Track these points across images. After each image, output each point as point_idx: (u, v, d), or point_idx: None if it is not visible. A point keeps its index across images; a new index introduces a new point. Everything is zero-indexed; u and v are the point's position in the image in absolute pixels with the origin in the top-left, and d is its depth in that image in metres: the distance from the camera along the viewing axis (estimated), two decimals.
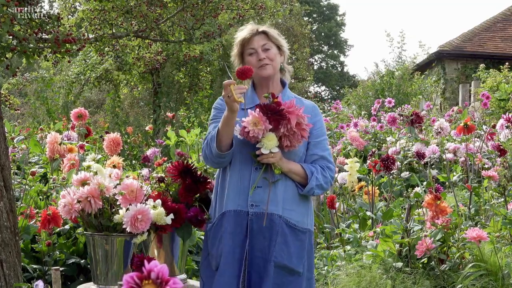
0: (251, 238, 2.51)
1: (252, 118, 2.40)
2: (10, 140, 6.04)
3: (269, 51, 2.60)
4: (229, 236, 2.52)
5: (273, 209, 2.50)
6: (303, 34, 22.57)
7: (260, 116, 2.40)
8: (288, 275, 2.52)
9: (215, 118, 2.65)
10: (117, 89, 13.79)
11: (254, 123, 2.39)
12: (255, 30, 2.63)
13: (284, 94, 2.66)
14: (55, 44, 3.52)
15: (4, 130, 3.01)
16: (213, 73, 13.44)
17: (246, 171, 2.54)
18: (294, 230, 2.54)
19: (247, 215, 2.51)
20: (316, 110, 2.70)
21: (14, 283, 2.79)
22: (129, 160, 9.07)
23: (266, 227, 2.50)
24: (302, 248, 2.56)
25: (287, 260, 2.51)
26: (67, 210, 2.76)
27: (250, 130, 2.39)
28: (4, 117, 3.18)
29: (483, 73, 12.61)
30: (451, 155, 5.69)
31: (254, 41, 2.60)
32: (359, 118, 10.20)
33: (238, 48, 2.65)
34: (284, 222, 2.51)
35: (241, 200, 2.52)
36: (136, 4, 7.14)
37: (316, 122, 2.64)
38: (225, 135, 2.49)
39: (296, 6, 20.74)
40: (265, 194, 2.50)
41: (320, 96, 33.25)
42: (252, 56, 2.60)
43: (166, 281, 1.08)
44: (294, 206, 2.55)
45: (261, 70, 2.60)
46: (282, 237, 2.50)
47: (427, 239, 3.28)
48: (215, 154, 2.51)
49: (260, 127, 2.38)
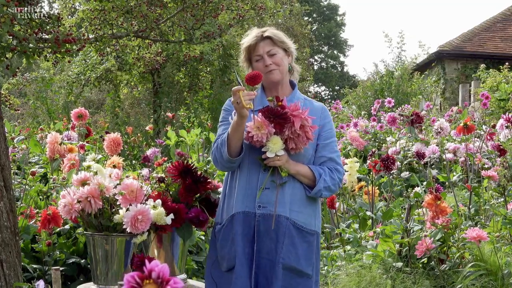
0: (259, 240, 2.51)
1: (255, 123, 2.41)
2: (10, 140, 6.04)
3: (275, 56, 2.59)
4: (241, 237, 2.53)
5: (280, 211, 2.51)
6: (303, 34, 22.58)
7: (263, 120, 2.40)
8: (297, 277, 2.51)
9: (224, 120, 2.67)
10: (117, 89, 13.78)
11: (258, 128, 2.40)
12: (259, 36, 2.61)
13: (294, 96, 2.65)
14: (55, 44, 3.52)
15: (4, 130, 3.01)
16: (213, 73, 13.43)
17: (254, 174, 2.55)
18: (302, 232, 2.54)
19: (254, 216, 2.52)
20: (326, 112, 2.69)
21: (14, 283, 2.79)
22: (129, 160, 9.07)
23: (269, 229, 2.50)
24: (310, 250, 2.56)
25: (294, 262, 2.50)
26: (67, 210, 2.76)
27: (253, 134, 2.41)
28: (4, 117, 3.18)
29: (483, 73, 12.62)
30: (451, 155, 5.69)
31: (260, 48, 2.59)
32: (359, 118, 10.20)
33: (245, 54, 2.65)
34: (291, 224, 2.51)
35: (249, 201, 2.53)
36: (136, 4, 7.14)
37: (325, 124, 2.64)
38: (234, 140, 2.51)
39: (296, 6, 20.73)
40: (272, 195, 2.51)
41: (320, 96, 33.26)
42: (259, 62, 2.60)
43: (167, 281, 1.08)
44: (302, 208, 2.55)
45: (269, 75, 2.60)
46: (289, 239, 2.50)
47: (427, 239, 3.28)
48: (226, 159, 2.53)
49: (264, 131, 2.39)
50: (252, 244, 2.51)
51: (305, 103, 2.65)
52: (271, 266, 2.49)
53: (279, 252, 2.49)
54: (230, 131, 2.50)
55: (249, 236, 2.52)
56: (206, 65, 13.17)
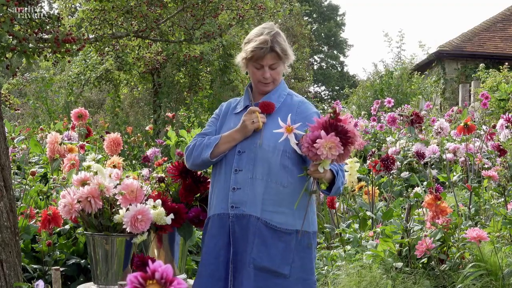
0: (234, 241, 2.50)
1: (327, 142, 2.23)
2: (10, 140, 6.04)
3: (276, 70, 2.56)
4: (211, 238, 2.54)
5: (251, 211, 2.48)
6: (303, 34, 22.59)
7: (334, 139, 2.25)
8: (274, 278, 2.47)
9: (209, 123, 2.71)
10: (117, 89, 13.78)
11: (330, 148, 2.24)
12: (268, 47, 2.50)
13: (277, 90, 2.63)
14: (55, 44, 3.52)
15: (4, 130, 3.01)
16: (213, 73, 13.43)
17: (228, 175, 2.54)
18: (276, 232, 2.48)
19: (228, 217, 2.51)
20: (303, 105, 2.61)
21: (14, 283, 2.79)
22: (129, 160, 9.07)
23: (244, 230, 2.48)
24: (287, 249, 2.49)
25: (267, 262, 2.46)
26: (67, 210, 2.76)
27: (323, 153, 2.24)
28: (4, 117, 3.18)
29: (483, 73, 12.62)
30: (451, 155, 5.69)
31: (265, 60, 2.52)
32: (359, 118, 10.20)
33: (248, 56, 2.55)
34: (262, 224, 2.47)
35: (224, 203, 2.53)
36: (136, 4, 7.14)
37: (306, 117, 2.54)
38: (222, 150, 2.54)
39: (296, 6, 20.72)
40: (244, 195, 2.49)
41: (320, 96, 33.25)
42: (258, 71, 2.56)
43: (170, 281, 1.07)
44: (277, 207, 2.49)
45: (262, 86, 2.59)
46: (260, 239, 2.47)
47: (427, 239, 3.28)
48: (205, 160, 2.55)
49: (335, 152, 2.24)
50: (228, 246, 2.50)
51: (286, 98, 2.62)
52: (243, 267, 2.47)
53: (249, 252, 2.46)
54: (224, 143, 2.53)
55: (225, 238, 2.51)
56: (206, 65, 13.17)
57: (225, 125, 2.64)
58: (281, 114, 2.53)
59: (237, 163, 2.52)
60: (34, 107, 12.75)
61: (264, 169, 2.49)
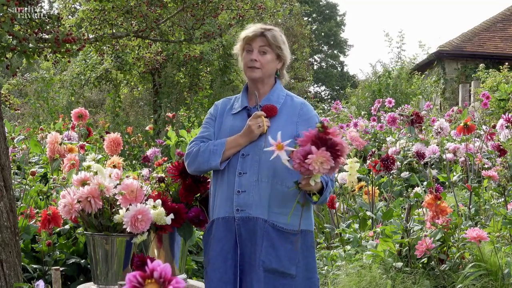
0: (241, 244, 2.51)
1: (319, 157, 2.24)
2: (10, 140, 6.04)
3: (265, 55, 2.58)
4: (217, 242, 2.54)
5: (258, 213, 2.49)
6: (303, 34, 22.59)
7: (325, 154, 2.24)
8: (281, 278, 2.50)
9: (205, 124, 2.70)
10: (117, 89, 13.79)
11: (321, 163, 2.24)
12: (258, 31, 2.59)
13: (274, 91, 2.64)
14: (55, 44, 3.52)
15: (4, 130, 3.01)
16: (213, 73, 13.44)
17: (231, 178, 2.54)
18: (283, 233, 2.51)
19: (234, 220, 2.52)
20: (305, 107, 2.64)
21: (14, 283, 2.80)
22: (129, 160, 9.08)
23: (250, 232, 2.49)
24: (294, 250, 2.52)
25: (275, 264, 2.49)
26: (67, 210, 2.76)
27: (315, 169, 2.23)
28: (4, 117, 3.18)
29: (483, 73, 12.62)
30: (451, 155, 5.69)
31: (254, 42, 2.58)
32: (359, 118, 10.20)
33: (241, 43, 2.64)
34: (270, 226, 2.49)
35: (228, 206, 2.53)
36: (136, 4, 7.14)
37: (308, 119, 2.58)
38: (228, 156, 2.55)
39: (296, 6, 20.73)
40: (250, 198, 2.50)
41: (320, 96, 33.25)
42: (248, 54, 2.60)
43: (169, 281, 1.07)
44: (283, 209, 2.51)
45: (249, 71, 2.60)
46: (268, 241, 2.49)
47: (427, 239, 3.28)
48: (213, 168, 2.56)
49: (326, 167, 2.24)
50: (235, 249, 2.51)
51: (286, 99, 2.63)
52: (253, 269, 2.48)
53: (258, 255, 2.48)
54: (231, 148, 2.54)
55: (231, 241, 2.52)
56: (206, 65, 13.18)
57: (223, 126, 2.65)
58: (282, 115, 2.57)
59: (241, 166, 2.53)
60: (34, 107, 12.75)
61: (269, 172, 2.51)
